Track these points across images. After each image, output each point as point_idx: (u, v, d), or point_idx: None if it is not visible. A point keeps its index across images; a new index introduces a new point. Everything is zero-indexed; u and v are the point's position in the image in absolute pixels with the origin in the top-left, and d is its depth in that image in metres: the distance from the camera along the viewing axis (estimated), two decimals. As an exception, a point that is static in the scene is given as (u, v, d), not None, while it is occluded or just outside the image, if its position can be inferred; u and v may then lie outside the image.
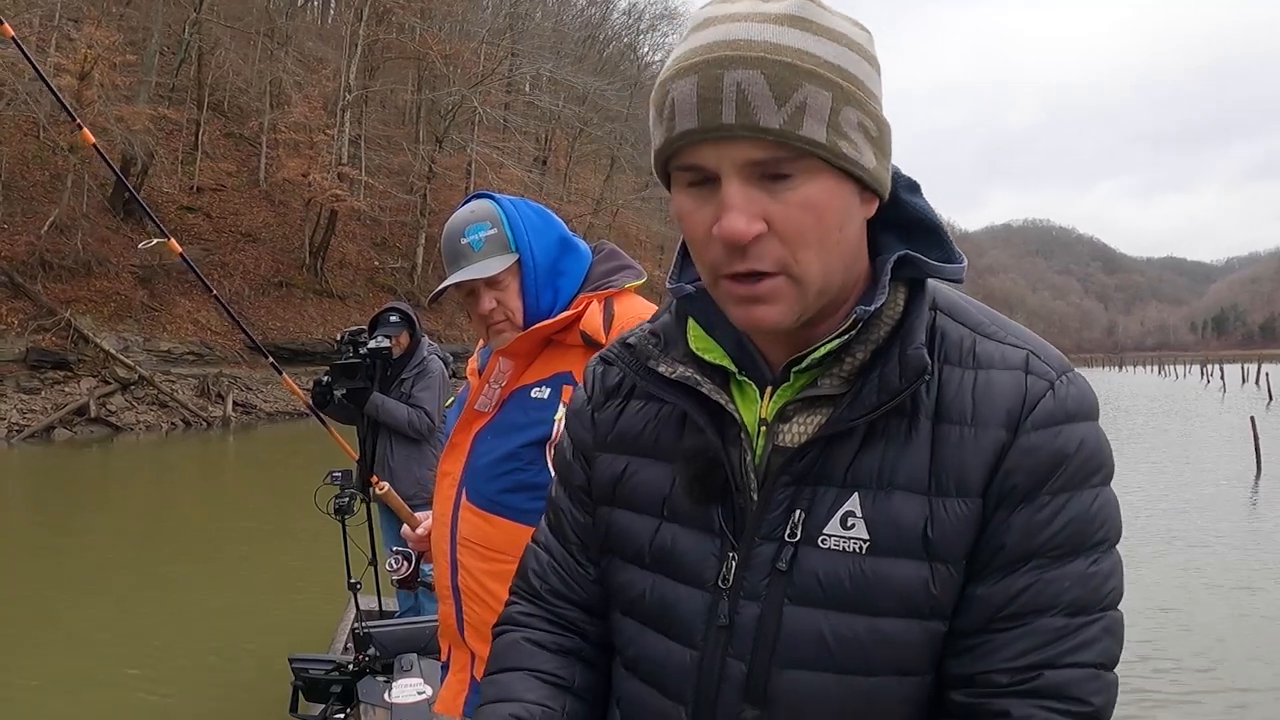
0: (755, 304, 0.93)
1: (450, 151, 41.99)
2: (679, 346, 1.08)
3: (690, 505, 1.04)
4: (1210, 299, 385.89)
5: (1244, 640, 6.58)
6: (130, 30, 32.84)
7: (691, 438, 1.05)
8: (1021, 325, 1.04)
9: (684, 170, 0.92)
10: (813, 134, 0.87)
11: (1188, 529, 10.51)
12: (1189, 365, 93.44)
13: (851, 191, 0.93)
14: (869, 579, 0.94)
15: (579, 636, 1.17)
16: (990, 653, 0.93)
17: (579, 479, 1.19)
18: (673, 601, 1.04)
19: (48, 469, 18.42)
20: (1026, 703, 0.90)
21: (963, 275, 1.02)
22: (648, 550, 1.07)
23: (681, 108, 0.88)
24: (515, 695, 1.12)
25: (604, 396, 1.18)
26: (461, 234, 1.98)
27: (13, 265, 25.64)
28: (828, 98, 0.87)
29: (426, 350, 5.43)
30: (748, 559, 0.99)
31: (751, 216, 0.89)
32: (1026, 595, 0.92)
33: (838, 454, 0.97)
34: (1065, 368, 0.98)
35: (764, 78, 0.85)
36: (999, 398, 0.95)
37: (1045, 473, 0.93)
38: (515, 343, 1.94)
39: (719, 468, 1.01)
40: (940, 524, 0.93)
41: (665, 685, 1.04)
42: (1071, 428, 0.94)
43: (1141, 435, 22.95)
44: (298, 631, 6.57)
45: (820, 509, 0.97)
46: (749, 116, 0.86)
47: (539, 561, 1.22)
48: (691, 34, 0.91)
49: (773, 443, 1.01)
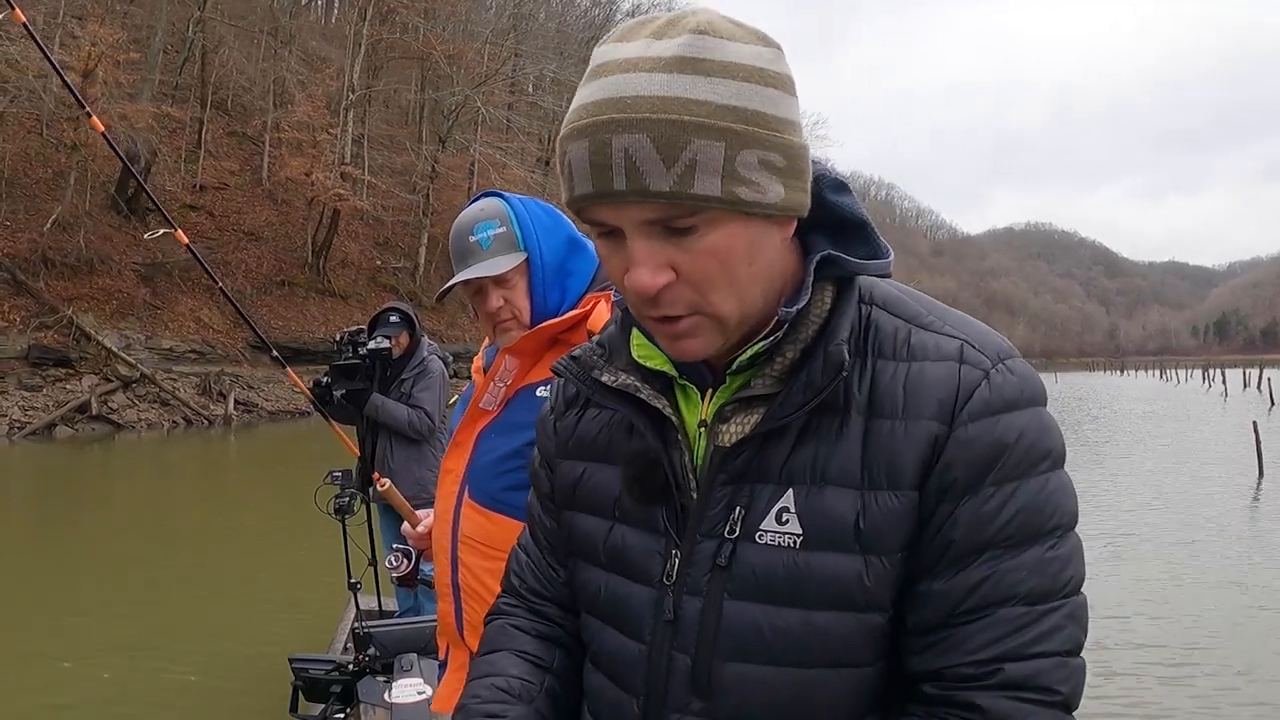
0: (679, 339, 0.97)
1: (453, 151, 42.02)
2: (622, 355, 1.12)
3: (634, 505, 1.08)
4: (1212, 303, 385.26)
5: (1245, 640, 6.57)
6: (134, 28, 32.90)
7: (634, 441, 1.10)
8: (967, 316, 1.04)
9: (591, 224, 0.95)
10: (705, 190, 0.87)
11: (1189, 530, 10.51)
12: (1190, 369, 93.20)
13: (760, 227, 0.93)
14: (802, 573, 0.95)
15: (558, 627, 1.23)
16: (954, 646, 0.93)
17: (545, 486, 1.25)
18: (624, 597, 1.08)
19: (49, 466, 18.43)
20: (995, 694, 0.91)
21: (889, 270, 1.04)
22: (602, 550, 1.12)
23: (577, 171, 0.90)
24: (499, 670, 1.19)
25: (564, 406, 1.24)
26: (470, 231, 1.97)
27: (15, 262, 25.67)
28: (719, 149, 0.86)
29: (426, 350, 5.42)
30: (690, 556, 1.02)
31: (656, 269, 0.91)
32: (985, 587, 0.93)
33: (773, 451, 0.99)
34: (1003, 355, 0.98)
35: (650, 141, 0.85)
36: (931, 389, 0.95)
37: (986, 464, 0.93)
38: (521, 341, 1.94)
39: (658, 469, 1.05)
40: (872, 517, 0.94)
41: (620, 678, 1.08)
42: (1010, 417, 0.95)
43: (1143, 439, 22.90)
44: (298, 631, 6.57)
45: (758, 506, 0.99)
46: (638, 182, 0.86)
47: (519, 563, 1.30)
48: (586, 83, 0.92)
49: (713, 443, 1.03)
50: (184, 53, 36.01)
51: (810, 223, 1.01)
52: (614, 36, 0.93)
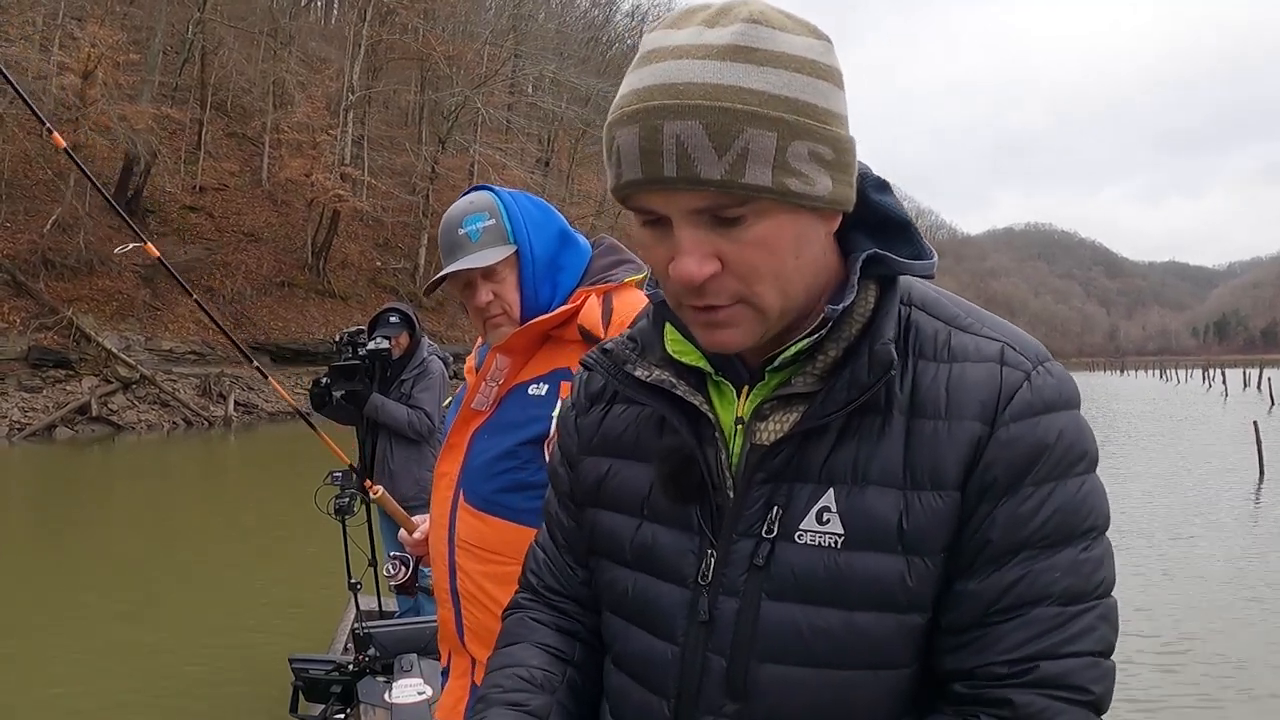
0: (717, 329, 0.96)
1: (453, 152, 42.00)
2: (656, 350, 1.10)
3: (668, 504, 1.06)
4: (1212, 304, 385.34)
5: (1246, 638, 6.57)
6: (134, 29, 32.90)
7: (668, 438, 1.08)
8: (1001, 318, 1.04)
9: (638, 212, 0.94)
10: (756, 180, 0.86)
11: (1192, 532, 10.51)
12: (1190, 370, 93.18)
13: (808, 220, 0.93)
14: (843, 573, 0.95)
15: (577, 622, 1.21)
16: (988, 645, 0.93)
17: (564, 485, 1.23)
18: (654, 598, 1.06)
19: (49, 468, 18.43)
20: (1028, 692, 0.91)
21: (933, 271, 1.03)
22: (629, 548, 1.10)
23: (626, 157, 0.89)
24: (520, 661, 1.17)
25: (588, 402, 1.22)
26: (459, 225, 1.94)
27: (15, 264, 25.67)
28: (772, 139, 0.86)
29: (427, 351, 5.41)
30: (726, 555, 1.00)
31: (703, 258, 0.90)
32: (1019, 587, 0.93)
33: (813, 450, 0.98)
34: (1042, 358, 0.99)
35: (703, 128, 0.85)
36: (973, 390, 0.96)
37: (1026, 464, 0.93)
38: (512, 339, 1.90)
39: (694, 466, 1.03)
40: (915, 517, 0.94)
41: (649, 680, 1.06)
42: (1050, 418, 0.95)
43: (1143, 438, 22.90)
44: (298, 631, 6.58)
45: (797, 505, 0.98)
46: (689, 169, 0.86)
47: (536, 561, 1.27)
48: (636, 69, 0.91)
49: (750, 441, 1.02)
50: (184, 54, 36.00)
51: (852, 221, 1.01)
52: (665, 24, 0.93)
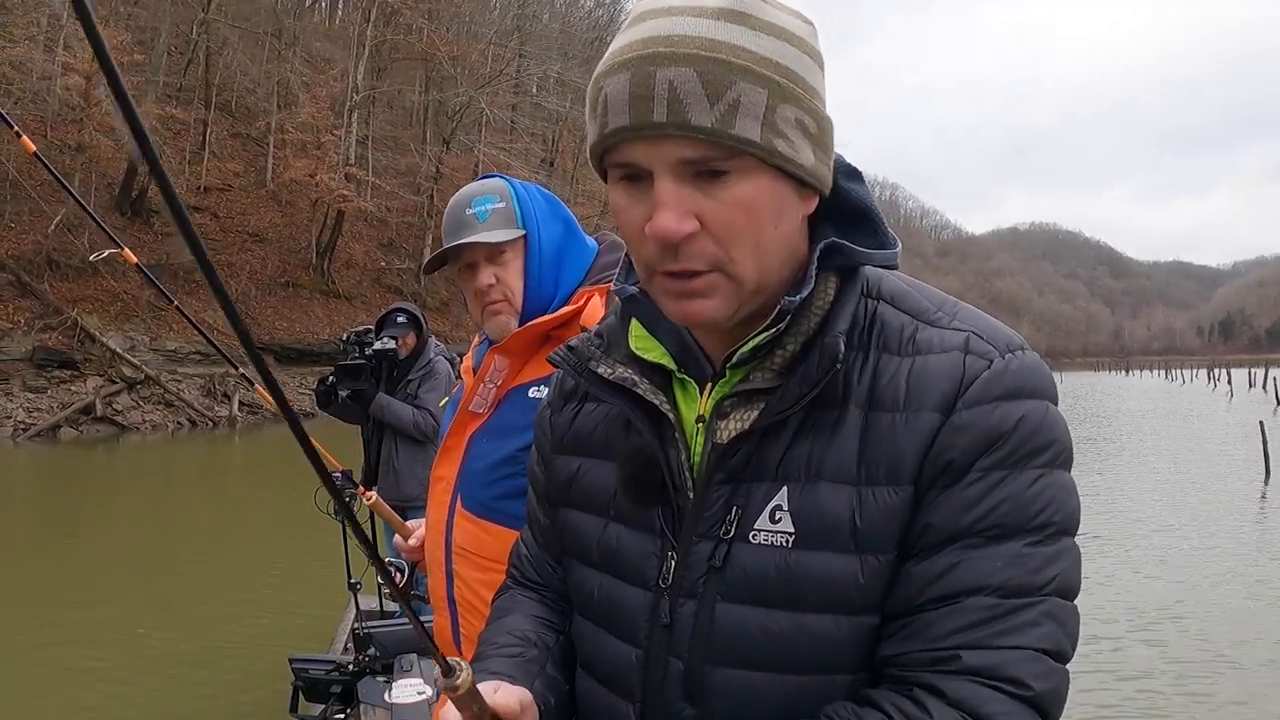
0: (690, 299, 0.93)
1: (457, 152, 42.00)
2: (621, 348, 1.09)
3: (630, 505, 1.05)
4: (1217, 303, 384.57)
5: (1249, 636, 6.54)
6: (138, 30, 32.96)
7: (631, 438, 1.06)
8: (978, 310, 1.01)
9: (618, 166, 0.91)
10: (746, 132, 0.85)
11: (1196, 532, 10.47)
12: (1196, 369, 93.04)
13: (789, 189, 0.91)
14: (794, 573, 0.92)
15: (560, 606, 1.22)
16: (917, 632, 0.90)
17: (540, 484, 1.23)
18: (619, 600, 1.05)
19: (53, 468, 18.45)
20: (958, 679, 0.86)
21: (896, 261, 1.01)
22: (596, 549, 1.09)
23: (614, 104, 0.87)
24: (512, 627, 1.17)
25: (561, 400, 1.21)
26: (468, 204, 1.88)
27: (19, 264, 25.70)
28: (763, 95, 0.85)
29: (433, 351, 5.40)
30: (686, 558, 0.99)
31: (683, 215, 0.88)
32: (954, 573, 0.88)
33: (770, 448, 0.96)
34: (1012, 346, 0.95)
35: (696, 75, 0.84)
36: (934, 381, 0.92)
37: (978, 449, 0.90)
38: (511, 340, 1.85)
39: (655, 468, 1.02)
40: (869, 514, 0.91)
41: (615, 683, 1.05)
42: (1011, 404, 0.91)
43: (1148, 439, 22.85)
44: (298, 631, 6.57)
45: (754, 504, 0.96)
46: (680, 115, 0.84)
47: (519, 556, 1.29)
48: (628, 28, 0.90)
49: (710, 440, 1.00)
50: (188, 54, 36.05)
51: (819, 212, 0.99)
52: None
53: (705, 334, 1.04)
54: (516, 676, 1.06)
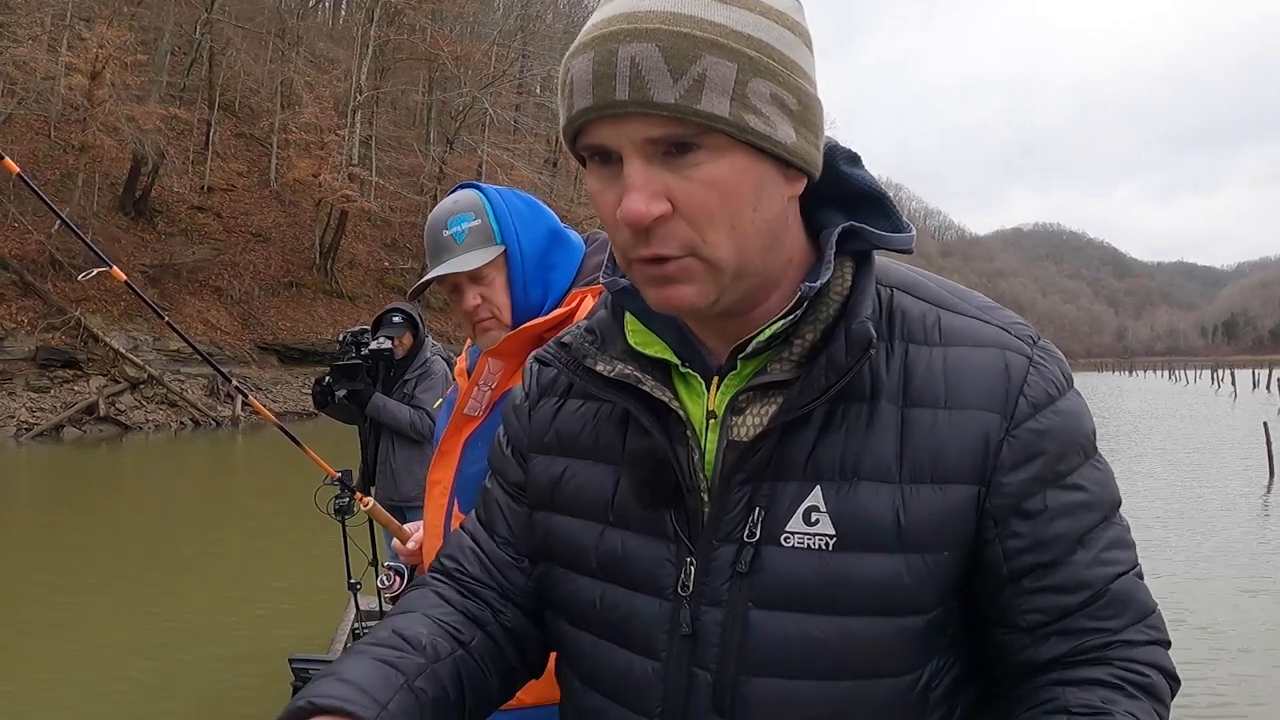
0: (667, 285, 0.88)
1: (461, 153, 42.06)
2: (617, 343, 1.03)
3: (638, 509, 0.99)
4: (1221, 304, 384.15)
5: (1252, 635, 6.53)
6: (142, 30, 33.03)
7: (636, 439, 1.00)
8: (986, 297, 1.02)
9: (588, 149, 0.88)
10: (712, 107, 0.81)
11: (1199, 533, 10.46)
12: (1199, 370, 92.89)
13: (768, 169, 0.87)
14: (837, 576, 0.89)
15: (490, 611, 1.10)
16: (1082, 629, 0.92)
17: (515, 475, 1.14)
18: (630, 611, 0.98)
19: (56, 467, 18.47)
20: (1138, 649, 0.92)
21: (912, 245, 0.98)
22: (593, 557, 1.02)
23: (579, 85, 0.84)
24: (403, 626, 1.04)
25: (540, 394, 1.14)
26: (444, 226, 1.87)
27: (23, 264, 25.77)
28: (731, 69, 0.82)
29: (430, 351, 5.39)
30: (707, 563, 0.93)
31: (652, 196, 0.84)
32: (1092, 571, 0.92)
33: (795, 445, 0.92)
34: (1034, 338, 0.96)
35: (659, 50, 0.80)
36: (976, 377, 0.91)
37: (1060, 452, 0.91)
38: (504, 343, 1.83)
39: (667, 470, 0.96)
40: (913, 513, 0.89)
41: (628, 698, 0.99)
42: (1065, 401, 0.93)
43: (1151, 439, 22.81)
44: (298, 632, 6.56)
45: (781, 505, 0.91)
46: (642, 92, 0.81)
47: (458, 547, 1.16)
48: (599, 8, 0.87)
49: (727, 437, 0.95)
50: (191, 54, 36.13)
51: (822, 198, 0.96)
52: None
53: (702, 325, 0.99)
54: (370, 685, 0.95)
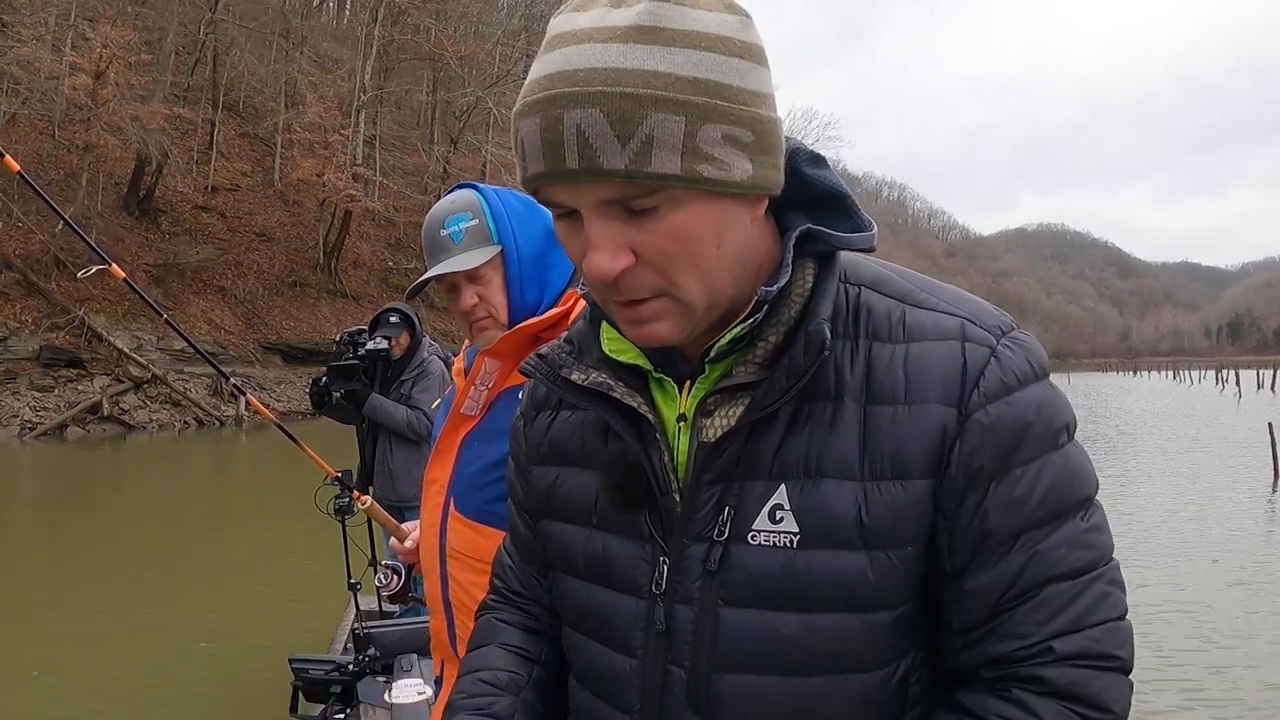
0: (643, 324, 0.91)
1: (465, 153, 42.09)
2: (593, 352, 1.06)
3: (615, 512, 1.02)
4: (1225, 304, 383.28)
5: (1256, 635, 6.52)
6: (145, 30, 33.09)
7: (612, 444, 1.03)
8: (961, 290, 1.00)
9: (548, 205, 0.89)
10: (663, 167, 0.81)
11: (1198, 532, 10.44)
12: (1204, 370, 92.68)
13: (728, 206, 0.87)
14: (802, 574, 0.90)
15: (543, 622, 1.20)
16: (1007, 633, 0.90)
17: (519, 496, 1.21)
18: (610, 610, 1.02)
19: (59, 467, 18.52)
20: (1057, 667, 0.88)
21: (872, 244, 0.98)
22: (581, 559, 1.06)
23: (529, 149, 0.85)
24: (485, 664, 1.15)
25: (534, 410, 1.19)
26: (441, 225, 1.88)
27: (27, 264, 25.82)
28: (679, 123, 0.81)
29: (427, 351, 5.38)
30: (679, 562, 0.96)
31: (615, 252, 0.85)
32: (1028, 571, 0.89)
33: (761, 444, 0.93)
34: (1005, 328, 0.94)
35: (604, 116, 0.80)
36: (934, 371, 0.91)
37: (1011, 445, 0.89)
38: (501, 342, 1.83)
39: (638, 472, 0.99)
40: (876, 510, 0.89)
41: (611, 696, 1.02)
42: (1024, 392, 0.91)
43: (1157, 439, 22.79)
44: (298, 632, 6.58)
45: (748, 504, 0.93)
46: (591, 160, 0.81)
47: (502, 565, 1.27)
48: (541, 56, 0.86)
49: (697, 439, 0.97)
50: (195, 54, 36.18)
51: (786, 200, 0.96)
52: (570, 6, 0.87)
53: None
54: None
